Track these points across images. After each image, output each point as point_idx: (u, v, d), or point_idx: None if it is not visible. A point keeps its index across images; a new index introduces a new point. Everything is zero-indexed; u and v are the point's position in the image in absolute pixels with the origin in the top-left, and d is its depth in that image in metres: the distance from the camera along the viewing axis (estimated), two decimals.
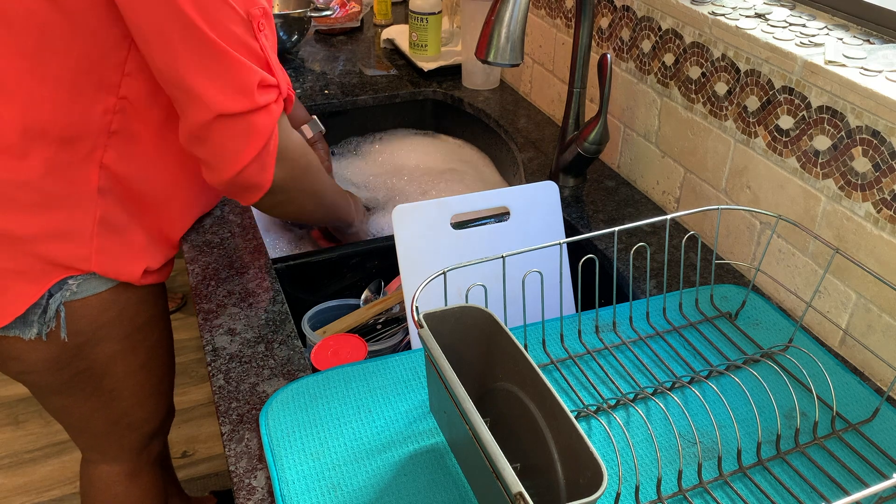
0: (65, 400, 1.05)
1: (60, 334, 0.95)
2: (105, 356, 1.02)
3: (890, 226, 0.76)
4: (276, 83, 0.82)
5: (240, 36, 0.78)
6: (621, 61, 1.14)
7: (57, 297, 0.92)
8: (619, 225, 0.83)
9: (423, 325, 0.63)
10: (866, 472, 0.68)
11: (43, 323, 0.92)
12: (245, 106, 0.79)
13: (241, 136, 0.81)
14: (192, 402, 1.99)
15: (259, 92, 0.80)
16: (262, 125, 0.81)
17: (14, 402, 2.00)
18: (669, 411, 0.73)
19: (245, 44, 0.79)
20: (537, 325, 0.83)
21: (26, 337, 0.93)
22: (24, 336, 0.93)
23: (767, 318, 0.86)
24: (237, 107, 0.79)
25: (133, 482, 1.20)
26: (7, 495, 1.78)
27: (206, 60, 0.77)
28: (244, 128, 0.80)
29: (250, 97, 0.79)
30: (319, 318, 0.98)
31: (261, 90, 0.80)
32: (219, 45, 0.76)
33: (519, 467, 0.63)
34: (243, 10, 0.78)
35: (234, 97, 0.78)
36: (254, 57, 0.80)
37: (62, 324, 0.94)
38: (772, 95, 0.88)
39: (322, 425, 0.71)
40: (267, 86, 0.81)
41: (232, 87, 0.78)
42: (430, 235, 0.86)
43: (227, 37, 0.77)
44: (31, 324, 0.92)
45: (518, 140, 1.32)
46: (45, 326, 0.93)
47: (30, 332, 0.93)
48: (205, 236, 1.02)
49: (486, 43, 0.95)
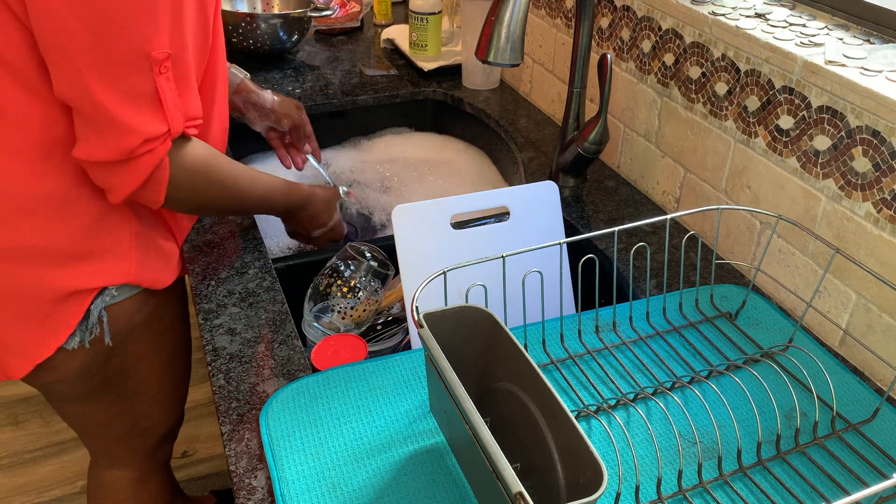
0: (87, 407, 1.05)
1: (105, 339, 0.95)
2: (133, 358, 1.02)
3: (890, 226, 0.76)
4: (163, 131, 0.79)
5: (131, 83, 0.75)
6: (621, 61, 1.14)
7: (98, 303, 0.92)
8: (619, 225, 0.83)
9: (423, 325, 0.62)
10: (866, 472, 0.68)
11: (85, 330, 0.93)
12: (121, 157, 0.78)
13: (116, 177, 0.81)
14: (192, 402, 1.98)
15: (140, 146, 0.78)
16: (139, 168, 0.80)
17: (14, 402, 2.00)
18: (669, 411, 0.73)
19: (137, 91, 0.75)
20: (537, 325, 0.83)
21: (70, 347, 0.93)
22: (68, 346, 0.93)
23: (767, 318, 0.86)
24: (113, 157, 0.78)
25: (142, 487, 1.20)
26: (7, 495, 1.78)
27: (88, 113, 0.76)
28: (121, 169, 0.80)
29: (128, 153, 0.78)
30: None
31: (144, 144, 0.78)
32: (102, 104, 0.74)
33: (519, 467, 0.63)
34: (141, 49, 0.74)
35: (108, 152, 0.78)
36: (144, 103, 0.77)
37: (105, 328, 0.94)
38: (772, 95, 0.88)
39: (322, 425, 0.71)
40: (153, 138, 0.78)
41: (108, 145, 0.77)
42: (430, 235, 0.86)
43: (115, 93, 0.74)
44: (74, 333, 0.92)
45: (518, 140, 1.32)
46: (88, 333, 0.93)
47: (73, 341, 0.93)
48: (205, 236, 1.03)
49: (486, 43, 0.96)
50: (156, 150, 0.79)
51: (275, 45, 1.54)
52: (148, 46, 0.74)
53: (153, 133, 0.78)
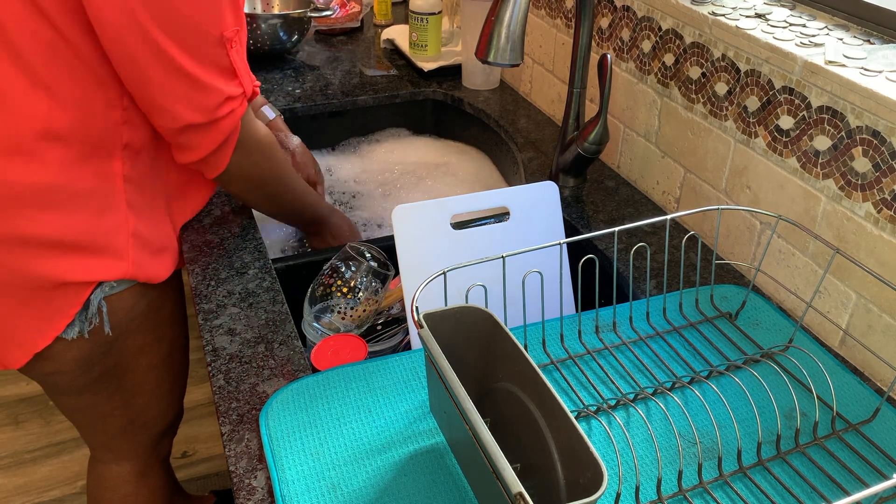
0: (86, 399, 1.06)
1: (104, 329, 0.96)
2: (132, 350, 1.03)
3: (890, 226, 0.76)
4: (240, 92, 0.90)
5: (212, 56, 0.85)
6: (621, 61, 1.14)
7: (97, 293, 0.93)
8: (619, 225, 0.83)
9: (423, 325, 0.62)
10: (866, 472, 0.68)
11: (84, 321, 0.94)
12: (209, 118, 0.87)
13: (202, 137, 0.89)
14: (192, 402, 1.99)
15: (222, 106, 0.88)
16: (222, 128, 0.89)
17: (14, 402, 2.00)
18: (669, 411, 0.73)
19: (216, 63, 0.86)
20: (537, 325, 0.83)
21: (69, 337, 0.94)
22: (67, 336, 0.93)
23: (767, 318, 0.86)
24: (202, 119, 0.87)
25: (142, 482, 1.21)
26: (7, 495, 1.78)
27: (174, 83, 0.83)
28: (207, 131, 0.89)
29: (214, 112, 0.87)
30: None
31: (224, 104, 0.88)
32: (187, 70, 0.83)
33: (519, 467, 0.63)
34: (217, 33, 0.84)
35: (199, 114, 0.86)
36: (224, 72, 0.87)
37: (105, 318, 0.95)
38: (772, 95, 0.88)
39: (322, 425, 0.71)
40: (232, 98, 0.89)
41: (198, 106, 0.86)
42: (430, 235, 0.86)
43: (199, 59, 0.84)
44: (73, 323, 0.93)
45: (518, 140, 1.32)
46: (87, 324, 0.94)
47: (72, 331, 0.93)
48: (205, 236, 1.03)
49: (486, 43, 0.95)
50: (235, 111, 0.90)
51: (275, 45, 1.54)
52: (221, 28, 0.84)
53: (233, 92, 0.88)
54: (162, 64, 0.81)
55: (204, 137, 0.89)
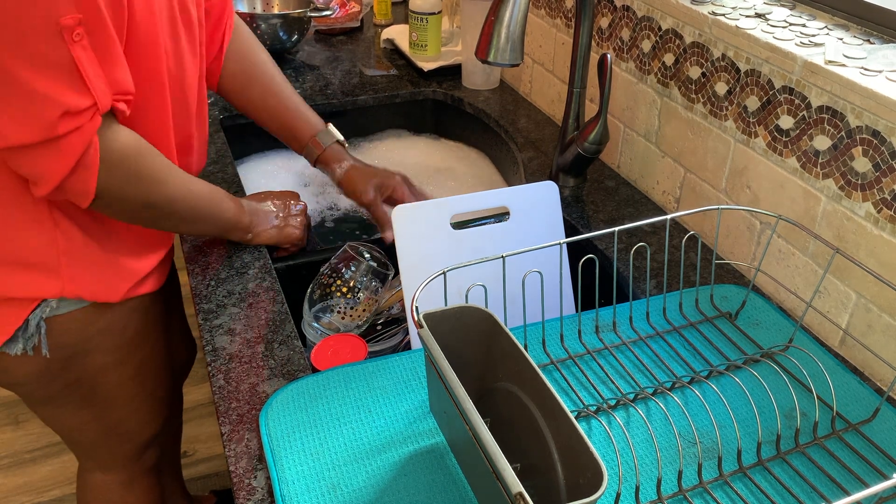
0: (55, 410, 1.04)
1: (42, 350, 0.93)
2: (95, 368, 1.00)
3: (890, 226, 0.76)
4: (89, 104, 0.73)
5: (44, 51, 0.69)
6: (621, 61, 1.14)
7: (37, 312, 0.90)
8: (619, 225, 0.83)
9: (423, 325, 0.62)
10: (866, 472, 0.68)
11: (26, 339, 0.91)
12: (42, 136, 0.72)
13: (46, 159, 0.75)
14: (192, 402, 1.99)
15: (63, 121, 0.72)
16: (67, 148, 0.74)
17: (14, 403, 2.00)
18: (669, 411, 0.73)
19: (50, 61, 0.70)
20: (537, 325, 0.83)
21: (12, 353, 0.92)
22: (10, 352, 0.92)
23: (767, 318, 0.86)
24: (32, 138, 0.72)
25: (128, 490, 1.19)
26: (7, 495, 1.78)
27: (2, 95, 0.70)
28: (48, 152, 0.74)
29: (50, 129, 0.72)
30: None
31: (66, 118, 0.72)
32: (12, 73, 0.69)
33: (519, 467, 0.63)
34: (49, 21, 0.68)
35: (28, 130, 0.72)
36: (61, 75, 0.71)
37: (43, 340, 0.92)
38: (772, 95, 0.88)
39: (322, 425, 0.71)
40: (77, 112, 0.73)
41: (25, 121, 0.71)
42: (430, 235, 0.86)
43: (26, 57, 0.69)
44: (15, 339, 0.91)
45: (518, 140, 1.32)
46: (29, 342, 0.92)
47: (15, 347, 0.91)
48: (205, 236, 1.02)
49: (486, 43, 0.95)
50: (83, 127, 0.74)
51: (275, 45, 1.54)
52: (55, 12, 0.68)
53: (76, 105, 0.72)
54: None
55: (47, 161, 0.74)
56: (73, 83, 0.72)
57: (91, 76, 0.72)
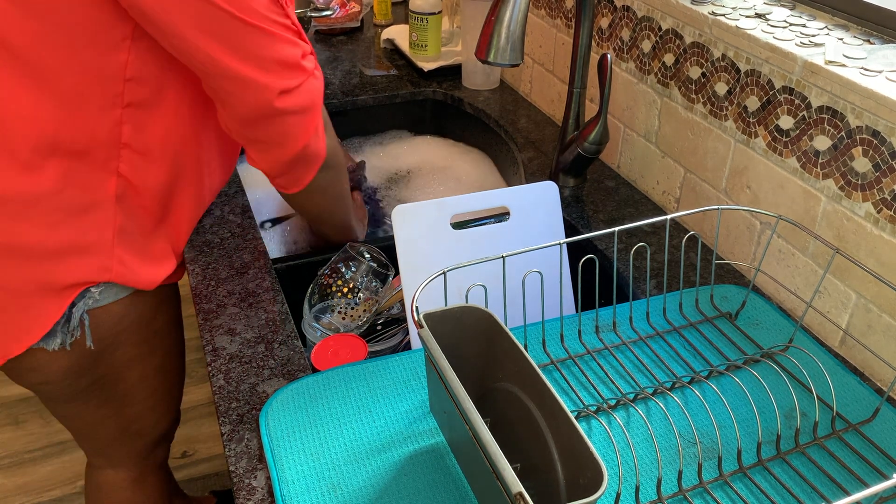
0: (77, 407, 1.04)
1: (86, 342, 0.93)
2: (122, 361, 1.01)
3: (890, 226, 0.76)
4: (310, 49, 0.85)
5: (272, 16, 0.79)
6: (621, 61, 1.14)
7: (80, 305, 0.90)
8: (619, 225, 0.83)
9: (423, 325, 0.63)
10: (866, 472, 0.68)
11: (66, 332, 0.91)
12: (300, 78, 0.82)
13: (303, 109, 0.83)
14: (193, 402, 1.99)
15: (306, 61, 0.83)
16: (316, 92, 0.84)
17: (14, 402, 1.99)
18: (669, 411, 0.73)
19: (279, 22, 0.80)
20: (537, 325, 0.83)
21: (50, 348, 0.91)
22: (48, 347, 0.91)
23: (767, 318, 0.86)
24: (294, 81, 0.81)
25: (138, 488, 1.20)
26: (7, 495, 1.78)
27: (250, 46, 0.78)
28: (304, 99, 0.83)
29: (301, 69, 0.82)
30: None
31: (307, 59, 0.83)
32: (258, 28, 0.78)
33: (519, 467, 0.63)
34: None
35: (288, 73, 0.81)
36: (290, 31, 0.82)
37: (87, 332, 0.92)
38: (772, 95, 0.88)
39: (322, 425, 0.71)
40: (309, 53, 0.84)
41: (283, 64, 0.80)
42: (430, 235, 0.86)
43: (262, 18, 0.78)
44: (54, 334, 0.90)
45: (518, 140, 1.32)
46: (69, 336, 0.91)
47: (53, 342, 0.91)
48: (205, 236, 1.02)
49: (486, 43, 0.95)
50: (315, 73, 0.84)
51: None
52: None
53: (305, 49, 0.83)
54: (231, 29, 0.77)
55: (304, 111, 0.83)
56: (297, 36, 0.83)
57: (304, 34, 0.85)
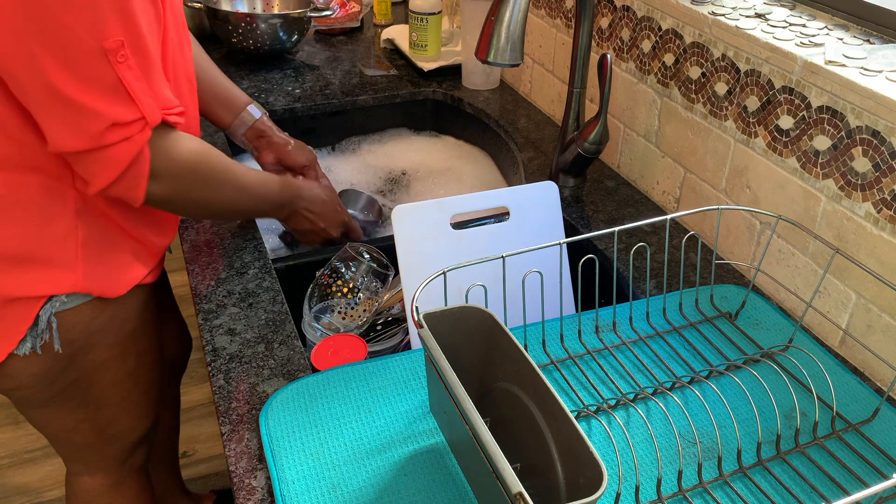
0: (51, 412, 1.03)
1: (54, 346, 0.93)
2: (95, 364, 1.00)
3: (890, 226, 0.76)
4: (136, 117, 0.78)
5: (91, 72, 0.74)
6: (621, 61, 1.14)
7: (47, 308, 0.90)
8: (619, 225, 0.83)
9: (423, 325, 0.63)
10: (866, 472, 0.68)
11: (36, 336, 0.91)
12: (89, 145, 0.77)
13: (93, 166, 0.79)
14: (193, 402, 1.99)
15: (111, 132, 0.77)
16: (115, 157, 0.78)
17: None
18: (669, 411, 0.73)
19: (97, 80, 0.74)
20: (537, 325, 0.83)
21: (21, 352, 0.91)
22: (19, 352, 0.91)
23: (767, 318, 0.86)
24: (80, 146, 0.77)
25: (117, 493, 1.18)
26: (7, 495, 1.78)
27: (49, 103, 0.75)
28: (95, 159, 0.79)
29: (95, 139, 0.77)
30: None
31: (114, 129, 0.77)
32: (60, 89, 0.73)
33: (519, 467, 0.63)
34: (94, 44, 0.73)
35: (77, 139, 0.77)
36: (108, 93, 0.75)
37: (55, 335, 0.92)
38: (772, 95, 0.88)
39: (322, 425, 0.71)
40: (125, 124, 0.77)
41: (74, 130, 0.76)
42: (430, 235, 0.86)
43: (76, 75, 0.73)
44: (24, 339, 0.90)
45: (518, 140, 1.32)
46: (39, 339, 0.91)
47: (24, 347, 0.91)
48: (205, 236, 1.03)
49: (486, 43, 0.95)
50: (133, 138, 0.78)
51: (275, 45, 1.54)
52: (100, 38, 0.72)
53: (123, 118, 0.76)
54: (36, 82, 0.73)
55: (97, 166, 0.79)
56: (119, 99, 0.76)
57: (137, 93, 0.77)
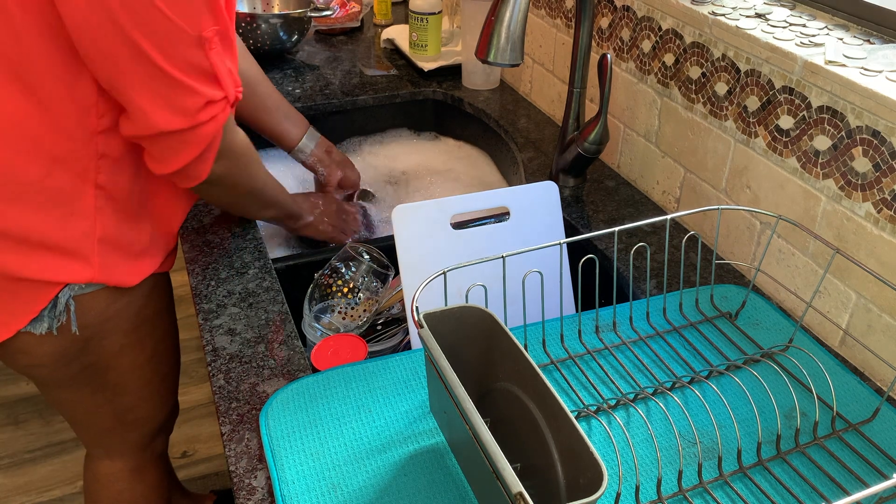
0: (70, 394, 1.05)
1: (71, 328, 0.95)
2: (112, 350, 1.02)
3: (890, 226, 0.76)
4: (222, 96, 0.85)
5: (189, 58, 0.81)
6: (621, 61, 1.14)
7: (66, 291, 0.92)
8: (619, 225, 0.83)
9: (423, 325, 0.63)
10: (866, 472, 0.68)
11: (53, 317, 0.93)
12: (187, 124, 0.83)
13: (182, 145, 0.85)
14: (192, 402, 1.99)
15: (203, 110, 0.84)
16: (203, 135, 0.85)
17: (14, 402, 2.00)
18: (669, 411, 0.73)
19: (194, 65, 0.81)
20: (537, 325, 0.83)
21: (37, 332, 0.93)
22: (36, 331, 0.93)
23: (767, 318, 0.86)
24: (179, 125, 0.83)
25: (136, 478, 1.20)
26: (7, 495, 1.78)
27: (153, 83, 0.80)
28: (186, 138, 0.85)
29: (192, 117, 0.83)
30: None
31: (205, 108, 0.84)
32: (166, 70, 0.79)
33: (519, 467, 0.63)
34: (195, 34, 0.80)
35: (177, 118, 0.82)
36: (202, 75, 0.83)
37: (72, 317, 0.94)
38: (772, 95, 0.88)
39: (322, 425, 0.71)
40: (214, 102, 0.84)
41: (176, 109, 0.82)
42: (430, 235, 0.86)
43: (176, 61, 0.80)
44: (41, 318, 0.92)
45: (518, 140, 1.32)
46: (56, 321, 0.93)
47: (40, 326, 0.93)
48: (205, 236, 1.03)
49: (486, 43, 0.95)
50: (217, 116, 0.85)
51: (275, 45, 1.54)
52: (199, 28, 0.80)
53: (213, 96, 0.84)
54: (140, 65, 0.78)
55: (184, 145, 0.86)
56: (210, 81, 0.83)
57: (223, 75, 0.85)
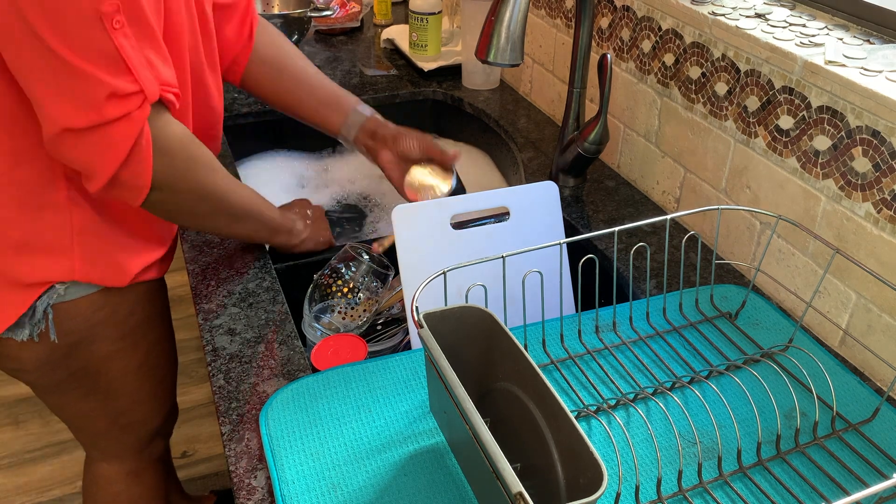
0: (61, 398, 1.05)
1: (50, 336, 0.94)
2: (100, 356, 1.01)
3: (890, 226, 0.76)
4: (135, 90, 0.74)
5: (88, 38, 0.70)
6: (621, 61, 1.14)
7: (44, 299, 0.91)
8: (619, 225, 0.83)
9: (423, 325, 0.63)
10: (866, 472, 0.68)
11: (33, 324, 0.92)
12: (92, 121, 0.73)
13: (95, 149, 0.76)
14: (192, 402, 1.99)
15: (110, 104, 0.73)
16: (117, 136, 0.75)
17: (14, 402, 2.00)
18: (669, 411, 0.73)
19: (94, 47, 0.71)
20: (537, 325, 0.83)
21: (18, 338, 0.93)
22: (17, 338, 0.93)
23: (767, 318, 0.86)
24: (83, 121, 0.73)
25: (134, 481, 1.20)
26: (7, 495, 1.78)
27: (49, 70, 0.71)
28: (98, 140, 0.75)
29: (98, 112, 0.73)
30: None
31: (113, 101, 0.73)
32: (60, 54, 0.70)
33: (519, 467, 0.63)
34: (89, 8, 0.69)
35: (79, 112, 0.73)
36: (105, 61, 0.72)
37: (51, 325, 0.93)
38: (772, 95, 0.88)
39: (322, 425, 0.71)
40: (124, 95, 0.74)
41: (77, 101, 0.72)
42: (430, 235, 0.86)
43: (72, 40, 0.70)
44: (21, 325, 0.92)
45: (518, 140, 1.32)
46: (35, 328, 0.92)
47: (21, 333, 0.92)
48: (205, 236, 1.02)
49: (486, 43, 0.95)
50: (132, 114, 0.74)
51: None
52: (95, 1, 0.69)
53: (122, 89, 0.73)
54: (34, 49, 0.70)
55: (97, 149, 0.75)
56: (117, 69, 0.73)
57: (135, 64, 0.74)
